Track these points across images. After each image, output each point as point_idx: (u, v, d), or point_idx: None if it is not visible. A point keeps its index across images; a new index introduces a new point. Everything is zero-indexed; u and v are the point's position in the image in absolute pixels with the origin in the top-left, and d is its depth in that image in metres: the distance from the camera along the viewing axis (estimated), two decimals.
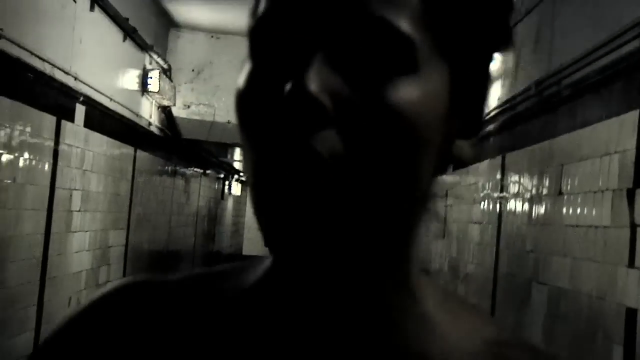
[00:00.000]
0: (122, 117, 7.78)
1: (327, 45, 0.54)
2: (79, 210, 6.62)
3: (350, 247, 0.56)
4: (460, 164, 0.64)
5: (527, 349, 0.64)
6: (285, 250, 0.56)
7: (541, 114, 5.13)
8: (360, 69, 0.54)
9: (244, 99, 0.57)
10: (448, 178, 8.44)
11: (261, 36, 0.57)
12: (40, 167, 5.60)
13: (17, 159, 5.13)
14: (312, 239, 0.54)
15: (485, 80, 0.64)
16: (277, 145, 0.53)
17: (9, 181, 5.02)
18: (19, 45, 4.94)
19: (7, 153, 4.96)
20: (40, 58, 5.35)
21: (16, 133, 5.07)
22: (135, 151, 8.53)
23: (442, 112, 0.59)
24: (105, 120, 7.20)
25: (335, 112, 0.53)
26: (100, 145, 7.16)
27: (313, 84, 0.52)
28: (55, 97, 5.77)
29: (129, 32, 7.82)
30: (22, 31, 5.03)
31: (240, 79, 0.58)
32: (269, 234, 0.56)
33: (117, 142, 7.73)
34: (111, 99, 7.31)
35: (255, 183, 0.56)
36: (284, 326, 0.62)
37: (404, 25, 0.55)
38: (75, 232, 6.57)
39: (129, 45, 8.07)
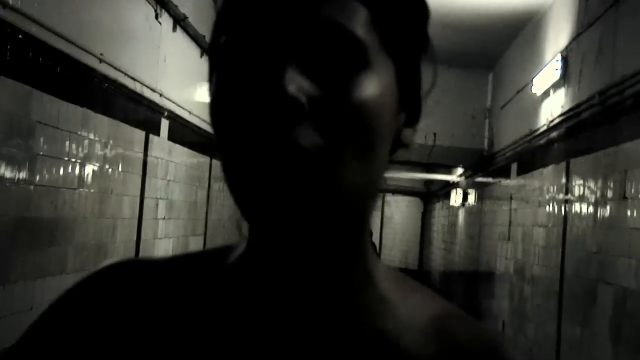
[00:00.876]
0: (199, 128, 8.15)
1: (295, 53, 0.61)
2: (164, 218, 7.02)
3: (323, 228, 0.63)
4: (404, 148, 0.72)
5: (464, 320, 0.71)
6: (269, 226, 0.62)
7: (605, 122, 5.26)
8: (324, 70, 0.61)
9: (223, 108, 0.63)
10: (512, 182, 8.56)
11: (231, 54, 0.63)
12: (131, 178, 6.02)
13: (114, 172, 5.55)
14: (293, 219, 0.60)
15: (419, 76, 0.72)
16: (261, 142, 0.59)
17: (107, 192, 5.44)
18: (115, 68, 5.35)
19: (107, 166, 5.38)
20: (132, 78, 5.75)
21: (113, 148, 5.49)
22: (210, 160, 8.89)
23: (395, 103, 0.67)
24: (185, 132, 7.59)
25: (309, 109, 0.59)
26: (181, 156, 7.54)
27: (291, 86, 0.58)
28: (144, 113, 6.18)
29: (206, 49, 8.18)
30: (117, 54, 5.43)
31: (214, 93, 0.64)
32: (254, 216, 0.63)
33: (194, 152, 8.09)
34: (190, 112, 7.68)
35: (237, 177, 0.63)
36: (256, 303, 0.69)
37: (357, 28, 0.62)
38: (161, 238, 6.98)
39: (205, 61, 8.36)
